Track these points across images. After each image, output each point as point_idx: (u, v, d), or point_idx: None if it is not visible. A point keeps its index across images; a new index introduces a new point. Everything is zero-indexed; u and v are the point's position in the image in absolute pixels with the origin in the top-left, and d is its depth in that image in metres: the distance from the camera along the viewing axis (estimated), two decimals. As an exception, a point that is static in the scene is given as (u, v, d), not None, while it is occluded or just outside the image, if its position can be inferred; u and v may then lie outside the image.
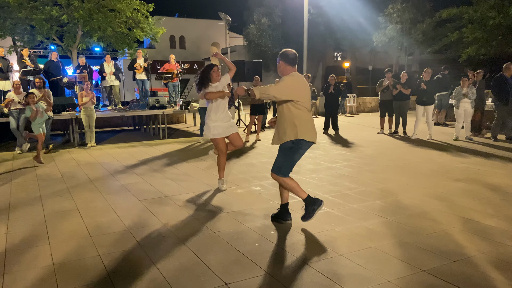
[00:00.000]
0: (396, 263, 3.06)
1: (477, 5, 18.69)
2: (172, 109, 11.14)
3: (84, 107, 8.83)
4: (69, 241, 3.58)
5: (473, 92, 9.18)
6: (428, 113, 9.70)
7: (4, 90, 10.09)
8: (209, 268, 3.00)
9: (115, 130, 13.08)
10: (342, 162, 6.96)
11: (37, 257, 3.24)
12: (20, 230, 3.88)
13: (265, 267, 3.01)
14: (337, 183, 5.54)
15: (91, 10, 14.54)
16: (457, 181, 5.53)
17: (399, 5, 23.68)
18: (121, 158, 7.70)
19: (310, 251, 3.29)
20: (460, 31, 19.81)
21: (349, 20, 25.43)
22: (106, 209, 4.49)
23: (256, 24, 30.67)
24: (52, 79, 11.30)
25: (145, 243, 3.49)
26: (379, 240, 3.50)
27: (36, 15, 14.03)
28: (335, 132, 10.99)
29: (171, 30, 31.47)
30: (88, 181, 5.87)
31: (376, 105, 18.95)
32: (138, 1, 15.65)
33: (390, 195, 4.89)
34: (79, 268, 3.05)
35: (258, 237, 3.61)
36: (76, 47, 15.77)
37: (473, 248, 3.31)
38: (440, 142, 9.11)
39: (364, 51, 29.45)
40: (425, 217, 4.07)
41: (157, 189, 5.31)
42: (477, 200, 4.66)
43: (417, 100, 9.76)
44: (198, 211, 4.37)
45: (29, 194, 5.16)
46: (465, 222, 3.93)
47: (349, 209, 4.37)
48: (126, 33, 15.86)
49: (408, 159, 7.19)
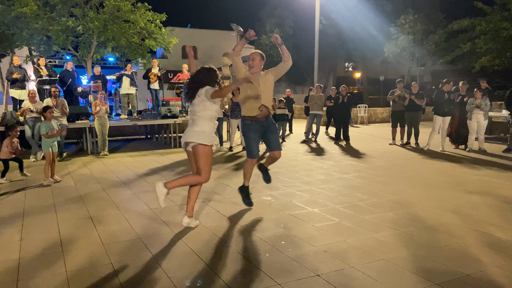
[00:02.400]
0: (409, 276, 3.03)
1: (490, 15, 18.58)
2: (184, 118, 11.23)
3: (98, 116, 8.96)
4: (82, 249, 3.61)
5: (486, 103, 9.09)
6: (445, 125, 9.55)
7: (21, 99, 10.30)
8: (220, 278, 3.01)
9: (128, 139, 13.21)
10: (354, 173, 6.92)
11: (50, 265, 3.27)
12: (34, 237, 3.93)
13: (276, 278, 3.00)
14: (348, 194, 5.51)
15: (106, 21, 14.85)
16: (471, 194, 5.46)
17: (411, 16, 23.68)
18: (133, 166, 7.77)
19: (321, 263, 3.28)
20: (473, 42, 19.69)
21: (361, 31, 25.49)
22: (118, 217, 4.53)
23: (268, 34, 30.90)
24: (67, 86, 11.49)
25: (156, 252, 3.51)
26: (391, 252, 3.47)
27: (52, 26, 14.36)
28: (346, 142, 10.95)
29: (183, 40, 31.81)
30: (101, 189, 5.93)
31: (387, 116, 18.85)
32: (152, 12, 15.93)
33: (402, 207, 4.84)
34: (92, 275, 3.08)
35: (268, 247, 3.61)
36: (91, 57, 16.08)
37: (487, 261, 3.26)
38: (453, 154, 9.02)
39: (375, 61, 29.43)
40: (438, 230, 4.02)
41: (168, 198, 5.34)
42: (491, 213, 4.59)
43: (437, 110, 9.49)
44: (209, 221, 4.38)
45: (43, 202, 5.24)
46: (479, 235, 3.88)
47: (361, 221, 4.33)
48: (140, 43, 16.12)
49: (420, 171, 7.12)
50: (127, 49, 16.04)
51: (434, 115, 9.57)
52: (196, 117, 4.07)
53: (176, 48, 26.77)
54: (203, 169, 3.98)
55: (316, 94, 11.42)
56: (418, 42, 24.08)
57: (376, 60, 28.83)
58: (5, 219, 4.52)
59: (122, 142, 12.23)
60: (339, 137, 11.14)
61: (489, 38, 18.76)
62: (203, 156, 3.98)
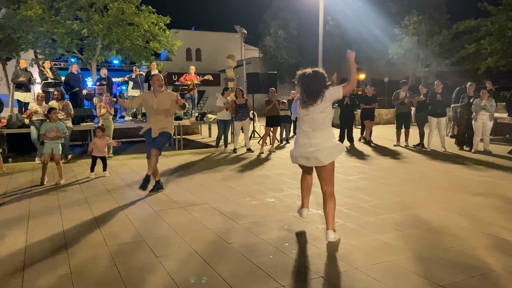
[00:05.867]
0: (413, 277, 3.01)
1: (495, 16, 18.49)
2: (188, 121, 11.27)
3: (103, 118, 9.01)
4: (86, 250, 3.63)
5: (492, 105, 9.04)
6: (441, 126, 9.61)
7: (26, 101, 10.37)
8: (223, 279, 3.01)
9: (132, 141, 13.25)
10: (358, 175, 6.90)
11: (55, 266, 3.29)
12: (39, 239, 3.95)
13: (280, 280, 2.99)
14: (352, 195, 5.49)
15: (110, 24, 14.95)
16: (476, 195, 5.43)
17: (415, 17, 23.60)
18: (137, 168, 7.79)
19: (325, 264, 3.27)
20: (478, 43, 19.60)
21: (365, 32, 25.45)
22: (123, 219, 4.54)
23: (273, 36, 30.93)
24: (71, 91, 11.56)
25: (160, 253, 3.52)
26: (396, 254, 3.45)
27: (57, 29, 14.47)
28: (350, 144, 10.92)
29: (187, 42, 32.00)
30: (105, 191, 5.96)
31: (392, 117, 18.79)
32: (156, 15, 16.01)
33: (407, 209, 4.82)
34: (96, 277, 3.09)
35: (272, 249, 3.60)
36: (96, 59, 16.18)
37: (493, 263, 3.24)
38: (457, 155, 8.97)
39: (380, 63, 29.35)
40: (443, 232, 4.00)
41: (172, 200, 5.36)
42: (496, 214, 4.56)
43: (431, 112, 9.65)
44: (213, 222, 4.39)
45: (48, 204, 5.26)
46: (485, 237, 3.85)
47: (365, 222, 4.32)
48: (144, 46, 16.20)
49: (425, 172, 7.09)
50: (132, 51, 16.13)
51: (428, 116, 9.75)
52: (322, 126, 3.67)
53: (180, 50, 26.86)
54: (332, 180, 3.74)
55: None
56: (423, 43, 23.99)
57: (381, 61, 28.75)
58: (10, 221, 4.55)
59: (126, 144, 12.27)
60: (343, 139, 11.11)
61: (494, 38, 18.66)
62: (332, 169, 3.73)
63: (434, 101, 9.51)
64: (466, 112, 9.67)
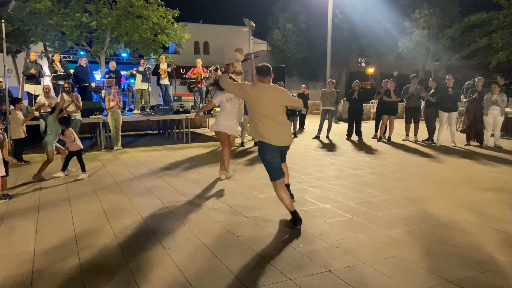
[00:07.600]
0: (422, 273, 2.99)
1: (507, 9, 18.18)
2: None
3: (111, 111, 9.05)
4: (95, 242, 3.66)
5: (503, 100, 8.91)
6: (452, 120, 9.48)
7: (36, 94, 10.44)
8: (231, 272, 3.01)
9: (140, 134, 13.32)
10: (366, 169, 6.86)
11: (64, 257, 3.32)
12: (49, 230, 3.99)
13: (287, 273, 2.99)
14: (360, 190, 5.46)
15: (119, 17, 14.96)
16: (486, 191, 5.37)
17: (426, 10, 23.27)
18: (146, 161, 7.83)
19: (333, 259, 3.26)
20: (489, 37, 19.30)
21: (375, 25, 25.17)
22: (131, 211, 4.57)
23: (281, 29, 30.74)
24: (81, 85, 11.62)
25: (168, 245, 3.53)
26: (404, 249, 3.43)
27: (66, 22, 14.52)
28: (359, 138, 10.86)
29: (195, 36, 31.90)
30: (114, 183, 6.00)
31: (401, 112, 18.62)
32: (164, 8, 15.98)
33: (415, 204, 4.79)
34: (105, 268, 3.11)
35: (280, 242, 3.60)
36: (104, 52, 16.23)
37: (503, 259, 3.21)
38: (467, 150, 8.88)
39: (389, 56, 29.04)
40: (453, 227, 3.97)
41: (180, 193, 5.38)
42: (506, 210, 4.51)
43: (442, 106, 9.53)
44: (221, 215, 4.40)
45: (58, 196, 5.32)
46: (495, 232, 3.81)
47: (373, 217, 4.30)
48: (152, 39, 16.21)
49: (434, 167, 7.03)
50: (140, 44, 16.15)
51: (439, 111, 9.63)
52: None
53: (188, 43, 26.84)
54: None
55: (328, 90, 11.32)
56: (433, 37, 23.66)
57: (390, 55, 28.43)
58: (20, 212, 4.60)
59: (135, 137, 12.33)
60: (351, 133, 11.05)
61: (506, 32, 18.36)
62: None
63: (446, 96, 9.38)
64: (473, 106, 9.54)
